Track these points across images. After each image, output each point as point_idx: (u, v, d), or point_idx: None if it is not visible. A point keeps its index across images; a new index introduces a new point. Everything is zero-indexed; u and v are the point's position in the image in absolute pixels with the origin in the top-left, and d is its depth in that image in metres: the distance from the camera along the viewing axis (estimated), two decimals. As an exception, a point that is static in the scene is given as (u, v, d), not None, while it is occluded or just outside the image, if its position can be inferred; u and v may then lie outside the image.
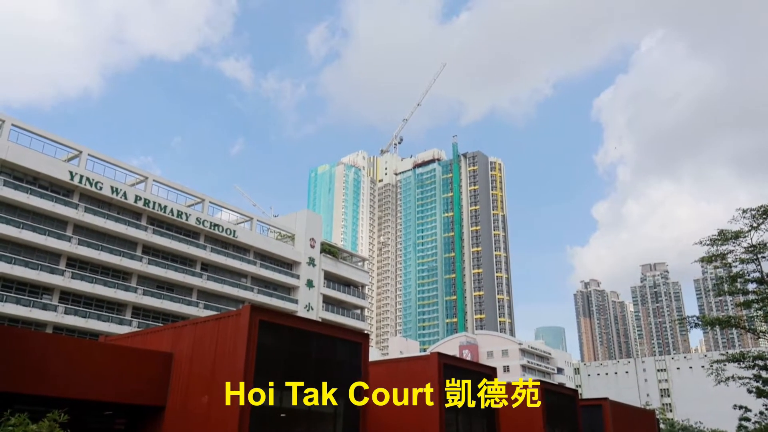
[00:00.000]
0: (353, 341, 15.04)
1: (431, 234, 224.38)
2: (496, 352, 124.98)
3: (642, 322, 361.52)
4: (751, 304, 35.47)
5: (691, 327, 37.27)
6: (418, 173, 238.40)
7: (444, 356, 18.53)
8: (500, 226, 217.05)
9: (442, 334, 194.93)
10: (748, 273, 34.62)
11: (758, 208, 33.40)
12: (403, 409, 17.82)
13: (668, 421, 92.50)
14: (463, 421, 18.79)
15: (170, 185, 61.26)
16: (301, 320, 14.83)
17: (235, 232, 64.50)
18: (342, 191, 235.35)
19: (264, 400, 12.68)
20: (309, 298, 70.24)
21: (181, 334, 15.24)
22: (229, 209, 67.54)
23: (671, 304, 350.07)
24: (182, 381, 14.41)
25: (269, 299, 65.36)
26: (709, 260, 35.39)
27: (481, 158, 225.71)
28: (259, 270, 65.92)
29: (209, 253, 61.66)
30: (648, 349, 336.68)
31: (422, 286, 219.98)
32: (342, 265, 76.84)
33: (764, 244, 33.46)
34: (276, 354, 13.42)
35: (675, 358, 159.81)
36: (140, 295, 55.38)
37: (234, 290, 63.11)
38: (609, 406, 27.99)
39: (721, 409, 57.17)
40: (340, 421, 14.08)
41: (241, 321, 12.95)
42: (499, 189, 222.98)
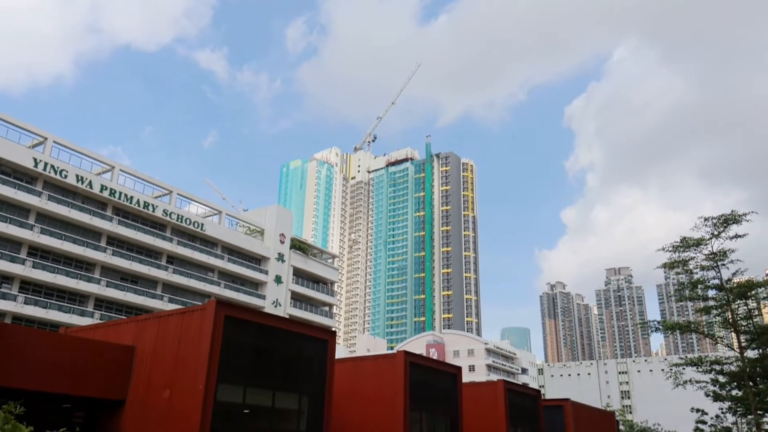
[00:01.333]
0: (320, 338, 14.98)
1: (402, 233, 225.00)
2: (463, 351, 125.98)
3: (605, 325, 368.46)
4: (710, 310, 36.48)
5: (652, 331, 38.16)
6: (390, 172, 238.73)
7: (410, 355, 18.56)
8: (470, 227, 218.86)
9: (410, 332, 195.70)
10: (708, 280, 35.62)
11: (719, 216, 34.37)
12: (368, 407, 17.83)
13: (628, 422, 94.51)
14: (428, 420, 18.88)
15: (137, 176, 60.17)
16: (268, 316, 14.70)
17: (203, 226, 63.67)
18: (314, 187, 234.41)
19: (227, 395, 12.55)
20: (277, 294, 69.75)
21: (144, 327, 14.98)
22: (197, 202, 66.63)
23: (634, 308, 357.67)
24: (144, 375, 14.17)
25: (236, 294, 64.71)
26: (672, 266, 36.28)
27: (453, 159, 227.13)
28: (226, 264, 65.20)
29: (176, 245, 60.75)
30: (610, 352, 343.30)
31: (392, 284, 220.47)
32: (311, 262, 76.50)
33: (724, 252, 34.43)
34: (241, 350, 13.29)
35: (636, 361, 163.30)
36: (103, 287, 54.30)
37: (200, 284, 62.30)
38: (570, 406, 28.44)
39: (679, 411, 58.65)
40: (304, 419, 14.01)
41: (206, 316, 12.78)
42: (470, 190, 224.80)
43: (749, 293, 35.19)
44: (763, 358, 35.63)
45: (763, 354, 36.05)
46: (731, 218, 34.12)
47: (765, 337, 34.84)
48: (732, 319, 34.91)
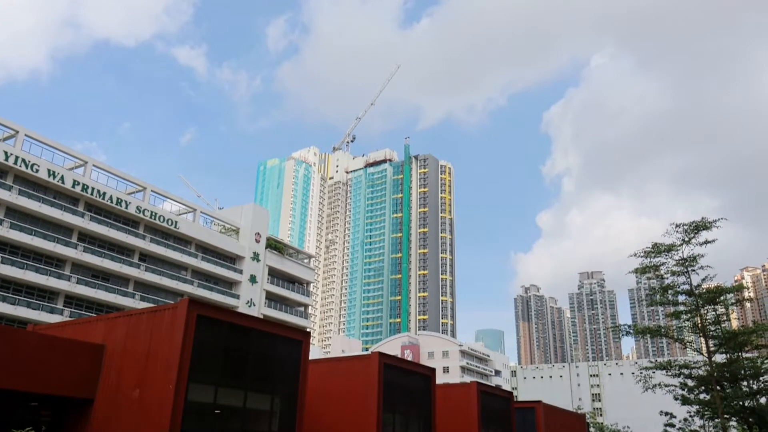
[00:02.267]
0: (294, 339, 14.89)
1: (379, 234, 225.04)
2: (437, 353, 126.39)
3: (578, 328, 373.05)
4: (680, 315, 37.12)
5: (623, 335, 38.71)
6: (369, 172, 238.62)
7: (385, 356, 18.57)
8: (447, 229, 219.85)
9: (386, 333, 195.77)
10: (678, 285, 36.21)
11: (690, 223, 35.00)
12: (341, 408, 17.79)
13: (598, 425, 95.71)
14: (400, 421, 18.90)
15: (111, 171, 59.20)
16: (241, 316, 14.56)
17: (176, 223, 62.89)
18: (291, 187, 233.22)
19: (198, 395, 12.41)
20: (251, 293, 69.19)
21: (115, 325, 14.75)
22: (172, 199, 65.78)
23: (606, 311, 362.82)
24: (113, 374, 13.95)
25: (209, 293, 64.03)
26: (643, 271, 36.83)
27: (432, 161, 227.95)
28: (200, 263, 64.48)
29: (148, 243, 59.91)
30: (582, 355, 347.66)
31: (368, 285, 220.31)
32: (287, 262, 76.05)
33: (694, 257, 35.07)
34: (213, 349, 13.14)
35: (607, 364, 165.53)
36: (74, 284, 53.29)
37: (173, 283, 61.51)
38: (542, 408, 28.73)
39: (649, 414, 59.59)
40: (276, 419, 13.91)
41: (177, 314, 12.62)
42: (448, 192, 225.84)
43: (718, 299, 35.88)
44: (731, 362, 36.35)
45: (731, 359, 36.79)
46: (701, 225, 34.76)
47: (732, 342, 35.56)
48: (701, 324, 35.56)
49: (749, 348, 37.87)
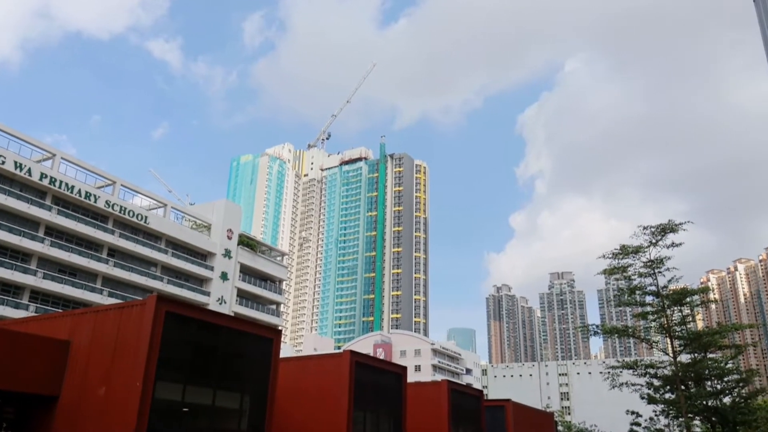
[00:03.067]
0: (264, 337, 14.77)
1: (354, 232, 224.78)
2: (410, 351, 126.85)
3: (548, 328, 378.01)
4: (647, 316, 37.86)
5: (591, 334, 39.34)
6: (344, 170, 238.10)
7: (356, 354, 18.55)
8: (422, 228, 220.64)
9: (358, 332, 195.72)
10: (645, 286, 36.94)
11: (657, 226, 35.73)
12: (312, 407, 17.73)
13: (566, 423, 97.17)
14: (371, 419, 18.90)
15: (80, 164, 58.02)
16: (211, 313, 14.39)
17: (146, 218, 61.92)
18: (265, 183, 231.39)
19: (166, 393, 12.24)
20: (222, 291, 68.49)
21: (81, 321, 14.46)
22: (142, 194, 64.72)
23: (576, 311, 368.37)
24: (79, 371, 13.67)
25: (179, 290, 63.21)
26: (611, 272, 37.50)
27: (407, 160, 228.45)
28: (170, 259, 63.59)
29: (117, 238, 58.87)
30: (552, 354, 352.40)
31: (341, 283, 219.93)
32: (260, 259, 75.46)
33: (661, 259, 35.82)
34: (182, 347, 12.97)
35: (576, 363, 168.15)
36: (40, 279, 52.11)
37: (142, 279, 60.57)
38: (511, 407, 29.00)
39: (616, 413, 60.59)
40: (245, 418, 13.80)
41: (145, 311, 12.42)
42: (422, 192, 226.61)
43: (684, 300, 36.69)
44: (695, 363, 37.19)
45: (695, 359, 37.64)
46: (669, 227, 35.50)
47: (697, 342, 36.41)
48: (667, 324, 36.32)
49: (713, 348, 38.82)
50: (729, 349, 39.05)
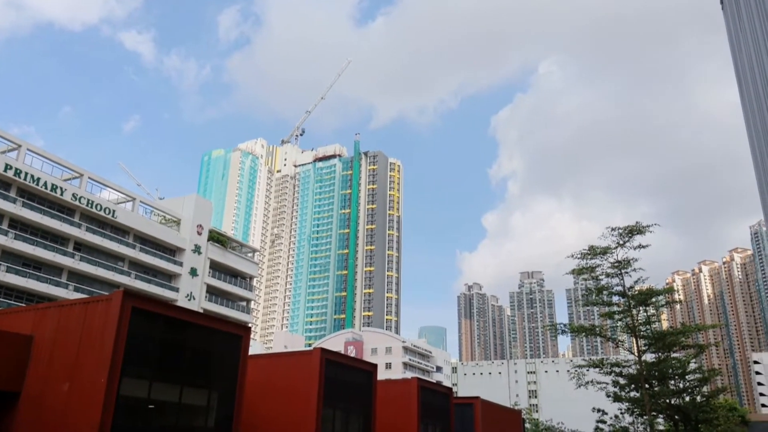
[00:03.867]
0: (233, 333, 14.65)
1: (327, 230, 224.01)
2: (381, 349, 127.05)
3: (517, 326, 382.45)
4: (613, 315, 38.52)
5: (559, 333, 39.86)
6: (318, 167, 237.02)
7: (326, 352, 18.51)
8: (395, 227, 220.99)
9: (330, 329, 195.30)
10: (612, 286, 37.59)
11: (625, 227, 36.40)
12: (281, 404, 17.65)
13: (533, 421, 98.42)
14: (341, 417, 18.90)
15: (47, 156, 56.64)
16: (178, 309, 14.20)
17: (114, 212, 60.78)
18: (236, 178, 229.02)
19: (131, 390, 12.06)
20: (191, 287, 67.62)
21: (45, 316, 14.16)
22: (110, 187, 63.46)
23: (545, 310, 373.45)
24: (42, 367, 13.39)
25: (147, 286, 62.21)
26: (580, 272, 38.05)
27: (381, 158, 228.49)
28: (138, 254, 62.52)
29: (84, 232, 57.67)
30: (521, 352, 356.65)
31: (313, 281, 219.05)
32: (230, 255, 74.68)
33: (628, 261, 36.49)
34: (148, 343, 12.79)
35: (544, 361, 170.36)
36: (3, 272, 50.76)
37: (109, 274, 59.43)
38: (480, 404, 29.27)
39: (582, 411, 61.53)
40: (212, 415, 13.67)
41: (111, 306, 12.22)
42: (396, 190, 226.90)
43: (649, 300, 37.43)
44: (659, 362, 37.99)
45: (659, 358, 38.46)
46: (636, 229, 36.18)
47: (661, 342, 37.19)
48: (632, 324, 37.02)
49: (677, 348, 39.69)
50: (692, 349, 39.98)
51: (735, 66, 58.00)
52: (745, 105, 54.21)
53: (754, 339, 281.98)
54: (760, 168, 50.51)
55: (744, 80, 52.51)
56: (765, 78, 37.19)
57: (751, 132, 52.55)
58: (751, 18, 39.43)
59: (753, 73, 44.18)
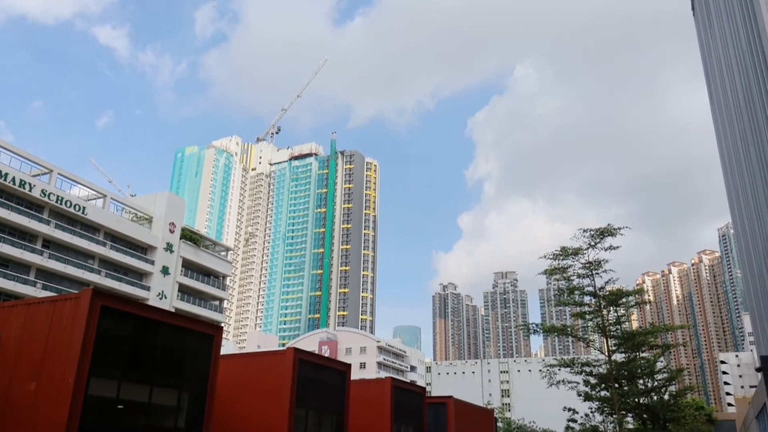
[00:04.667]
0: (205, 333, 14.51)
1: (302, 228, 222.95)
2: (355, 349, 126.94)
3: (491, 326, 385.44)
4: (584, 315, 39.04)
5: (531, 332, 40.28)
6: (293, 166, 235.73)
7: (299, 351, 18.44)
8: (371, 226, 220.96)
9: (304, 329, 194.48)
10: (583, 287, 38.10)
11: (596, 229, 36.93)
12: (254, 404, 17.53)
13: (506, 419, 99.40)
14: (314, 417, 18.84)
15: (15, 151, 55.34)
16: (149, 308, 14.02)
17: (84, 209, 59.67)
18: (210, 176, 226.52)
19: (100, 390, 11.87)
20: (163, 285, 66.72)
21: (11, 314, 13.85)
22: (81, 184, 62.26)
23: (518, 310, 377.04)
24: (7, 366, 13.10)
25: (118, 284, 61.21)
26: (552, 273, 38.48)
27: (358, 157, 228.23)
28: (108, 252, 61.46)
29: (53, 229, 56.50)
30: (494, 351, 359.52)
31: (288, 280, 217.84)
32: (203, 254, 73.87)
33: (599, 262, 37.04)
34: (118, 342, 12.60)
35: (516, 361, 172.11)
36: (-33, 270, 49.50)
37: (78, 272, 58.31)
38: (453, 404, 29.45)
39: (554, 410, 62.31)
40: (183, 415, 13.52)
41: (80, 305, 12.01)
42: (372, 189, 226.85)
43: (619, 301, 38.03)
44: (629, 361, 38.64)
45: (629, 358, 39.11)
46: (607, 231, 36.72)
47: (631, 342, 37.82)
48: (603, 324, 37.58)
49: (645, 348, 40.40)
50: (659, 349, 40.74)
51: (705, 71, 59.28)
52: (715, 110, 55.47)
53: (721, 339, 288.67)
54: (728, 172, 51.70)
55: (713, 85, 53.70)
56: (733, 83, 38.09)
57: (720, 136, 53.77)
58: (721, 24, 40.35)
59: (722, 78, 45.20)
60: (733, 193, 49.83)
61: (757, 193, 33.95)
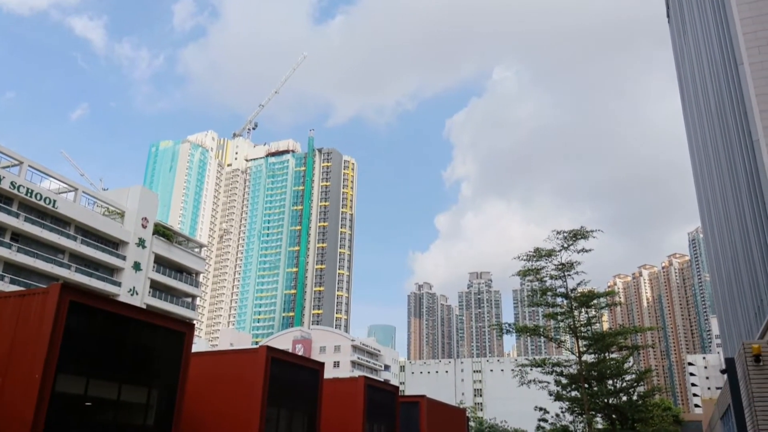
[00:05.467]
0: (176, 330, 14.33)
1: (278, 226, 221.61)
2: (329, 347, 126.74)
3: (465, 325, 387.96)
4: (556, 316, 39.53)
5: (504, 332, 40.66)
6: (270, 162, 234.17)
7: (272, 350, 18.32)
8: (348, 225, 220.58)
9: (278, 327, 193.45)
10: (556, 288, 38.56)
11: (570, 231, 37.42)
12: (225, 403, 17.38)
13: (478, 419, 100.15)
14: (285, 416, 18.75)
15: (-17, 142, 54.05)
16: (119, 304, 13.80)
17: (55, 202, 58.54)
18: (185, 171, 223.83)
19: (67, 386, 11.67)
20: (134, 281, 65.78)
21: (-25, 309, 13.49)
22: (52, 176, 61.08)
23: (492, 310, 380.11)
24: (-30, 363, 12.76)
25: (88, 279, 60.20)
26: (525, 274, 38.87)
27: (335, 155, 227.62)
28: (79, 246, 60.39)
29: (22, 222, 55.33)
30: (468, 351, 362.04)
31: (262, 277, 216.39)
32: (176, 250, 73.00)
33: (571, 263, 37.53)
34: (86, 338, 12.39)
35: (489, 360, 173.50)
36: (-70, 263, 48.22)
37: (48, 266, 57.20)
38: (425, 403, 29.55)
39: (525, 410, 62.92)
40: (152, 414, 13.35)
41: (48, 299, 11.78)
42: (350, 188, 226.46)
43: (590, 302, 38.58)
44: (599, 362, 39.24)
45: (599, 359, 39.72)
46: (580, 233, 37.22)
47: (601, 343, 38.41)
48: (574, 325, 38.10)
49: (615, 349, 41.07)
50: (628, 350, 41.44)
51: (678, 78, 60.37)
52: (687, 116, 56.53)
53: (690, 341, 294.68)
54: (699, 178, 52.69)
55: (686, 92, 54.66)
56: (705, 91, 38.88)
57: (692, 142, 54.82)
58: (695, 31, 41.13)
59: (695, 85, 46.03)
60: (703, 198, 50.88)
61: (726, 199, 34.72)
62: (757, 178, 23.63)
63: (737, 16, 24.16)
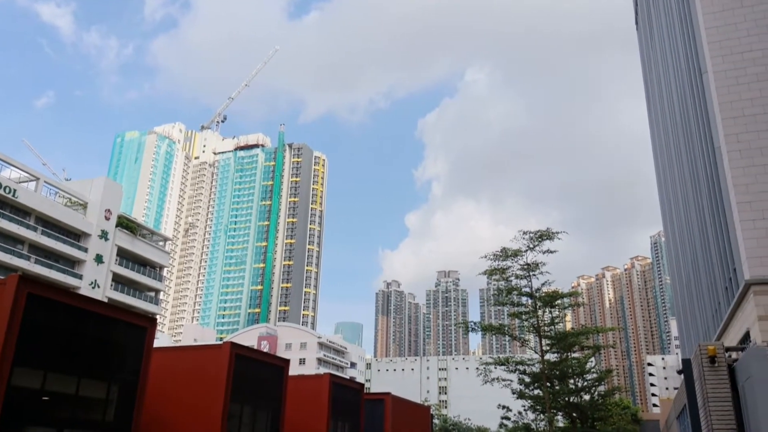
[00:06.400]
0: (138, 325, 14.05)
1: (245, 221, 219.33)
2: (295, 344, 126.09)
3: (432, 324, 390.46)
4: (521, 315, 40.08)
5: (470, 330, 41.04)
6: (239, 156, 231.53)
7: (237, 346, 18.11)
8: (317, 221, 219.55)
9: (244, 323, 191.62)
10: (521, 288, 39.09)
11: (536, 232, 37.96)
12: (187, 399, 17.14)
13: (442, 416, 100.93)
14: (249, 413, 18.58)
15: (-61, 127, 52.18)
16: (79, 297, 13.46)
17: (15, 192, 56.84)
18: (151, 163, 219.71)
19: (24, 381, 11.35)
20: (96, 274, 64.33)
21: (-74, 301, 13.01)
22: (12, 165, 59.28)
23: (458, 309, 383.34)
24: None
25: (48, 271, 58.66)
26: (492, 273, 39.29)
27: (306, 151, 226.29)
28: (39, 237, 58.78)
29: (-19, 211, 53.61)
30: (434, 349, 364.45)
31: (228, 273, 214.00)
32: (140, 243, 71.61)
33: (536, 264, 38.09)
34: (44, 332, 12.06)
35: (455, 358, 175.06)
36: None
37: (6, 257, 55.52)
38: (390, 400, 29.59)
39: (488, 407, 63.64)
40: (111, 409, 13.07)
41: (5, 291, 11.42)
42: (320, 184, 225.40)
43: (554, 302, 39.22)
44: (561, 361, 39.91)
45: (561, 358, 40.40)
46: (546, 234, 37.78)
47: (563, 342, 39.08)
48: (538, 324, 38.68)
49: (577, 348, 41.83)
50: (590, 350, 42.27)
51: (645, 85, 61.69)
52: (652, 123, 57.83)
53: (650, 342, 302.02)
54: (662, 183, 53.93)
55: (652, 99, 55.87)
56: (671, 99, 39.81)
57: (656, 148, 56.10)
58: (662, 38, 42.08)
59: (660, 93, 47.08)
60: (665, 202, 52.10)
61: (688, 204, 35.61)
62: (718, 184, 24.29)
63: (703, 25, 24.79)
